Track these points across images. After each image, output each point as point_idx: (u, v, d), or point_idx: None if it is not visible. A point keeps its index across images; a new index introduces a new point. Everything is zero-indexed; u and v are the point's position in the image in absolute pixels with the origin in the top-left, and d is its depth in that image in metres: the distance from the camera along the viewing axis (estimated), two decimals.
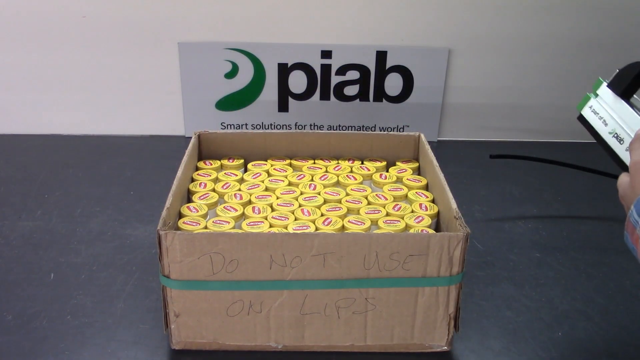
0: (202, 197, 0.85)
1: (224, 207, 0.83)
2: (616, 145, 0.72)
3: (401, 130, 1.38)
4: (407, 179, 0.91)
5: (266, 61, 1.31)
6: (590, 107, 0.77)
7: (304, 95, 1.35)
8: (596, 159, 1.30)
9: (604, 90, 0.76)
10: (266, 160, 0.97)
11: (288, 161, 0.97)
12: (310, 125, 1.38)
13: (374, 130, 1.39)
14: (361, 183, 0.92)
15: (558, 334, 0.78)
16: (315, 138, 0.98)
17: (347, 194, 0.88)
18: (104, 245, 0.95)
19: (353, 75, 1.33)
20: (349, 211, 0.84)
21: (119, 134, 1.38)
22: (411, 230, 0.79)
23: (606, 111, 0.75)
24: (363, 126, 1.39)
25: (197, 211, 0.81)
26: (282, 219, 0.80)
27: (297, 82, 1.33)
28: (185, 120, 1.36)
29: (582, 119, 0.78)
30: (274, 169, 0.95)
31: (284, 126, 1.37)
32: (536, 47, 1.33)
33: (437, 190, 0.84)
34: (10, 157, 1.27)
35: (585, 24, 1.31)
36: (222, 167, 0.95)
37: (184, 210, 0.81)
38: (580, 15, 1.30)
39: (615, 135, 0.73)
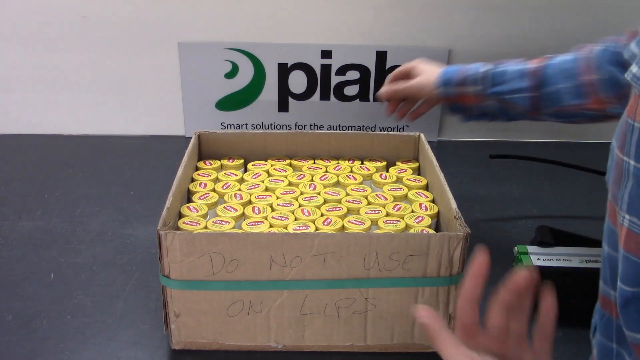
0: (202, 197, 0.85)
1: (224, 207, 0.83)
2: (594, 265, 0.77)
3: (401, 130, 1.38)
4: (407, 179, 0.91)
5: (266, 61, 1.31)
6: (539, 259, 0.80)
7: (304, 95, 1.35)
8: (596, 159, 1.30)
9: (534, 248, 0.82)
10: (266, 160, 0.97)
11: (288, 161, 0.97)
12: (310, 125, 1.38)
13: (374, 130, 1.39)
14: (361, 183, 0.92)
15: (558, 334, 0.78)
16: (315, 138, 0.98)
17: (347, 194, 0.88)
18: (104, 245, 0.95)
19: (353, 75, 1.33)
20: (349, 211, 0.84)
21: (119, 134, 1.38)
22: (411, 230, 0.79)
23: (557, 254, 0.81)
24: (363, 126, 1.38)
25: (197, 211, 0.81)
26: (282, 219, 0.80)
27: (297, 82, 1.33)
28: (185, 120, 1.36)
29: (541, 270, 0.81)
30: (274, 169, 0.95)
31: (284, 126, 1.37)
32: (536, 48, 1.33)
33: (437, 190, 0.84)
34: (10, 157, 1.27)
35: (586, 23, 1.31)
36: (222, 167, 0.95)
37: (184, 210, 0.81)
38: (581, 15, 1.30)
39: (586, 260, 0.79)
